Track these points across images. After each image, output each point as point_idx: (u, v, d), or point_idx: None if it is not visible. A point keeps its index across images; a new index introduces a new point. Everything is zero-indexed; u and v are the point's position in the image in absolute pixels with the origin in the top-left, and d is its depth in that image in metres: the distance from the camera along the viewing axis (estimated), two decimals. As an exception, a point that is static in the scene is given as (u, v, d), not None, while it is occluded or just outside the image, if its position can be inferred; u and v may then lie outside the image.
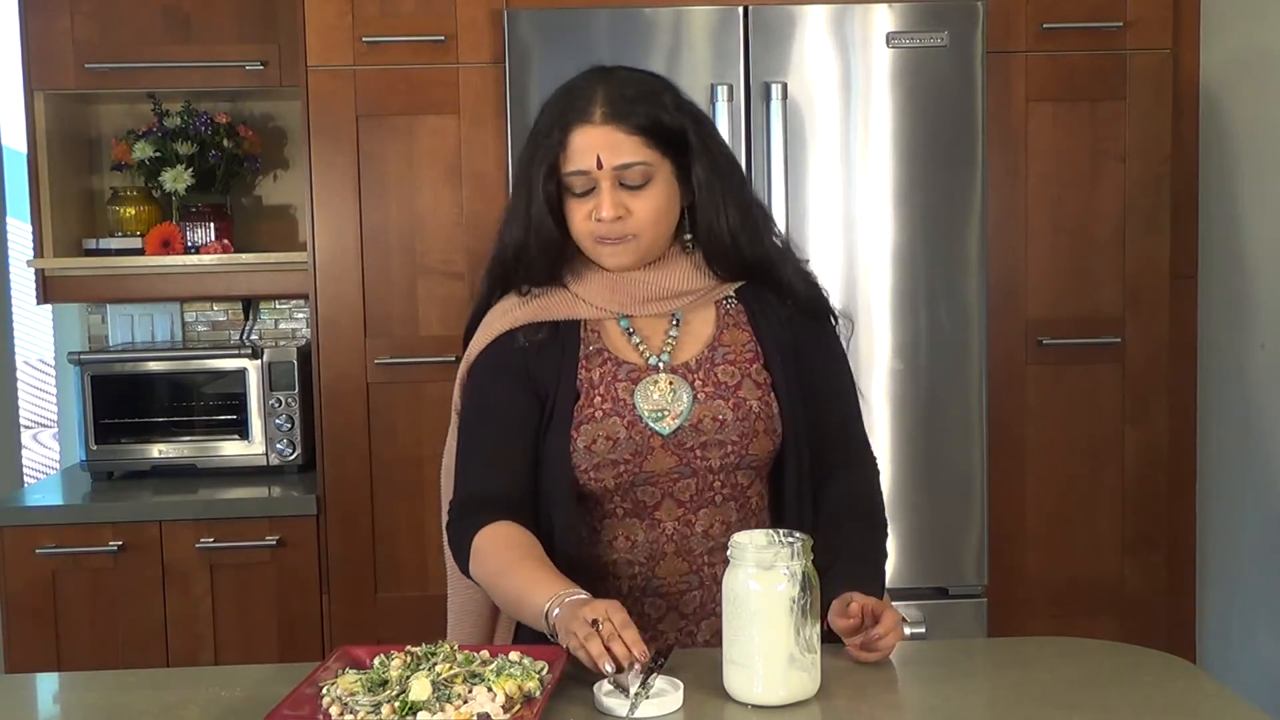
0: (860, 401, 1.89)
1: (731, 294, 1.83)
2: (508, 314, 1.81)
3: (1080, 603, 3.08)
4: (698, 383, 1.77)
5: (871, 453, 1.90)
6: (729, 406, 1.76)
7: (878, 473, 1.90)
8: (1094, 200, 3.03)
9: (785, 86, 2.82)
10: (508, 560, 1.68)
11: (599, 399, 1.76)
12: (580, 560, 1.75)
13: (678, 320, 1.81)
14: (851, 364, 2.88)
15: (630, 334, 1.80)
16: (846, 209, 2.88)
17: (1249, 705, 1.50)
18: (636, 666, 1.48)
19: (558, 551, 1.73)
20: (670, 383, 1.76)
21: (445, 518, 1.82)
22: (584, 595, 1.59)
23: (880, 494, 1.88)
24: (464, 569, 1.75)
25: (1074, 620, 3.03)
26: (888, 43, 2.85)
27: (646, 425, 1.74)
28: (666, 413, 1.75)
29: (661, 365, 1.78)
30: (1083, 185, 3.03)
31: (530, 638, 1.71)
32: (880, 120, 2.87)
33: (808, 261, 1.89)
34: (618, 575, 1.77)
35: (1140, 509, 3.09)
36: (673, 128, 1.74)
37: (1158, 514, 3.09)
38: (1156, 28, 3.00)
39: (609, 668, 1.48)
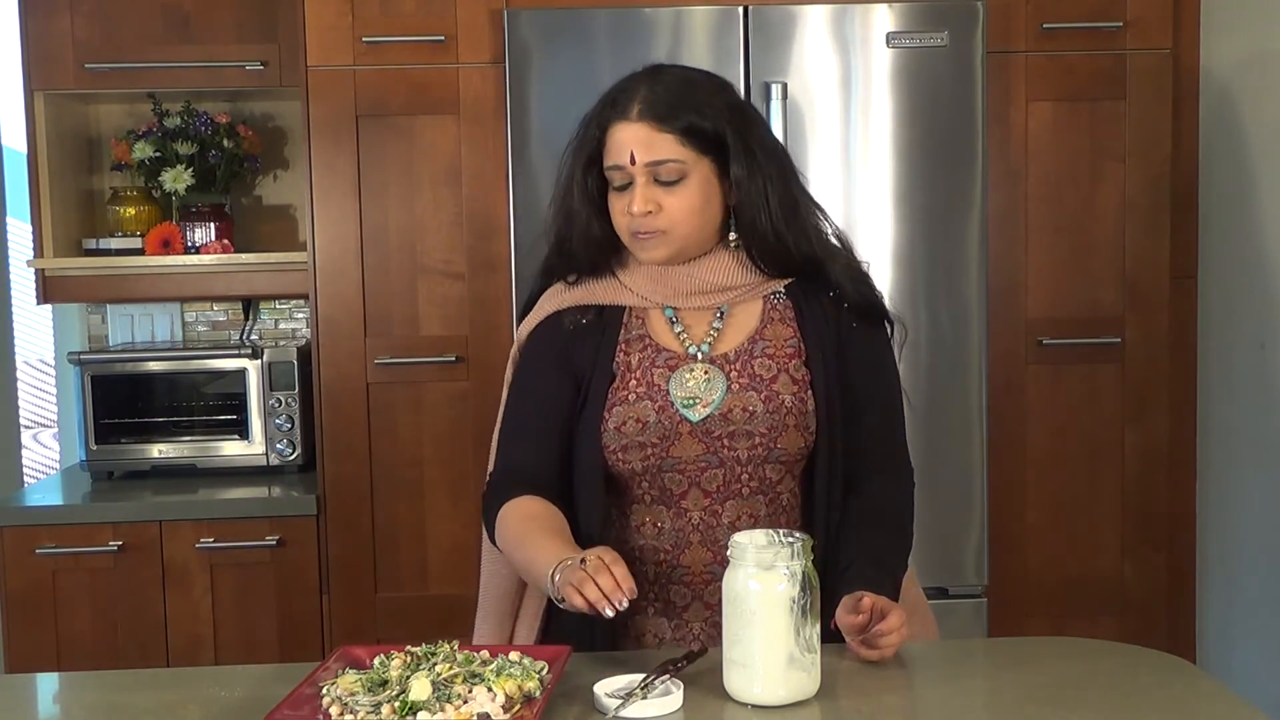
0: (906, 409, 1.88)
1: (781, 290, 1.84)
2: (555, 297, 1.86)
3: (1080, 603, 3.08)
4: (734, 374, 1.78)
5: (909, 464, 1.89)
6: (760, 399, 1.77)
7: (913, 485, 1.88)
8: (1094, 200, 3.03)
9: (785, 86, 2.82)
10: (525, 529, 1.74)
11: (634, 382, 1.79)
12: (605, 543, 1.76)
13: (723, 313, 1.83)
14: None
15: (673, 323, 1.83)
16: (846, 209, 2.88)
17: (1249, 705, 1.50)
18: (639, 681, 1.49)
19: (583, 533, 1.77)
20: (706, 372, 1.78)
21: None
22: (578, 557, 1.61)
23: (910, 506, 1.87)
24: (492, 539, 1.81)
25: (1074, 620, 3.03)
26: (888, 43, 2.85)
27: (677, 411, 1.76)
28: (699, 400, 1.77)
29: (700, 355, 1.80)
30: (1083, 185, 3.03)
31: (558, 631, 1.76)
32: (880, 120, 2.87)
33: (867, 264, 1.89)
34: (643, 561, 1.79)
35: (1140, 509, 3.09)
36: (710, 129, 1.75)
37: (1158, 514, 3.09)
38: (1156, 28, 3.00)
39: (609, 612, 1.52)
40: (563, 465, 1.81)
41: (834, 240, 1.85)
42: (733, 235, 1.81)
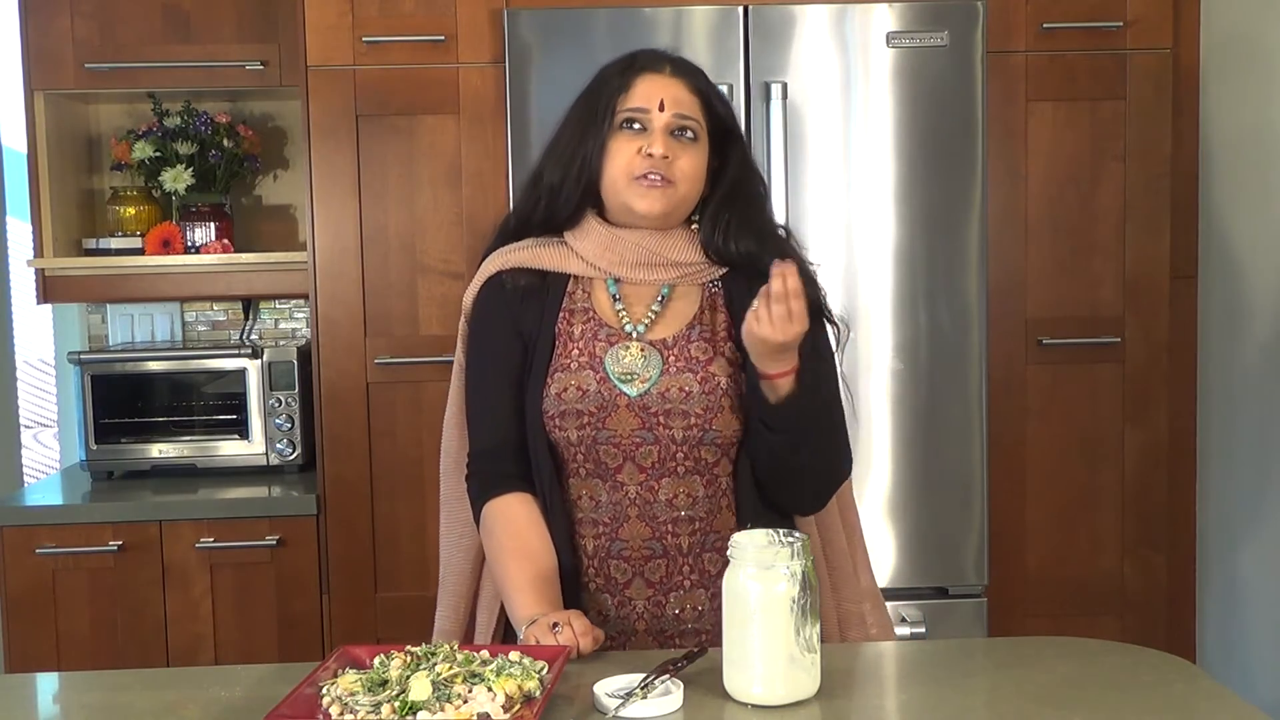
0: (846, 402, 1.87)
1: (718, 278, 1.86)
2: (499, 258, 1.88)
3: (1080, 603, 3.08)
4: (671, 357, 1.80)
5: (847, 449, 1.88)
6: (697, 380, 1.79)
7: (847, 467, 1.89)
8: (1094, 200, 3.03)
9: (785, 86, 2.82)
10: (503, 548, 1.78)
11: (576, 351, 1.81)
12: (551, 512, 1.79)
13: (664, 297, 1.84)
14: (851, 364, 2.90)
15: (615, 299, 1.84)
16: (846, 209, 2.88)
17: (1249, 705, 1.50)
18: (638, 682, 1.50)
19: (542, 504, 1.81)
20: (642, 350, 1.80)
21: (443, 470, 1.94)
22: (552, 619, 1.66)
23: (842, 472, 1.87)
24: (477, 525, 1.85)
25: (1074, 620, 3.03)
26: (888, 43, 2.85)
27: (615, 385, 1.78)
28: (635, 377, 1.79)
29: (636, 335, 1.82)
30: (1083, 185, 3.03)
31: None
32: (880, 120, 2.87)
33: (816, 266, 1.89)
34: (583, 534, 1.81)
35: (1140, 509, 3.09)
36: (722, 112, 1.84)
37: (1158, 514, 3.09)
38: (1156, 27, 3.00)
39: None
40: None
41: (795, 245, 1.89)
42: (695, 217, 1.85)
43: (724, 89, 2.75)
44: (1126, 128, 3.01)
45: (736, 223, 1.82)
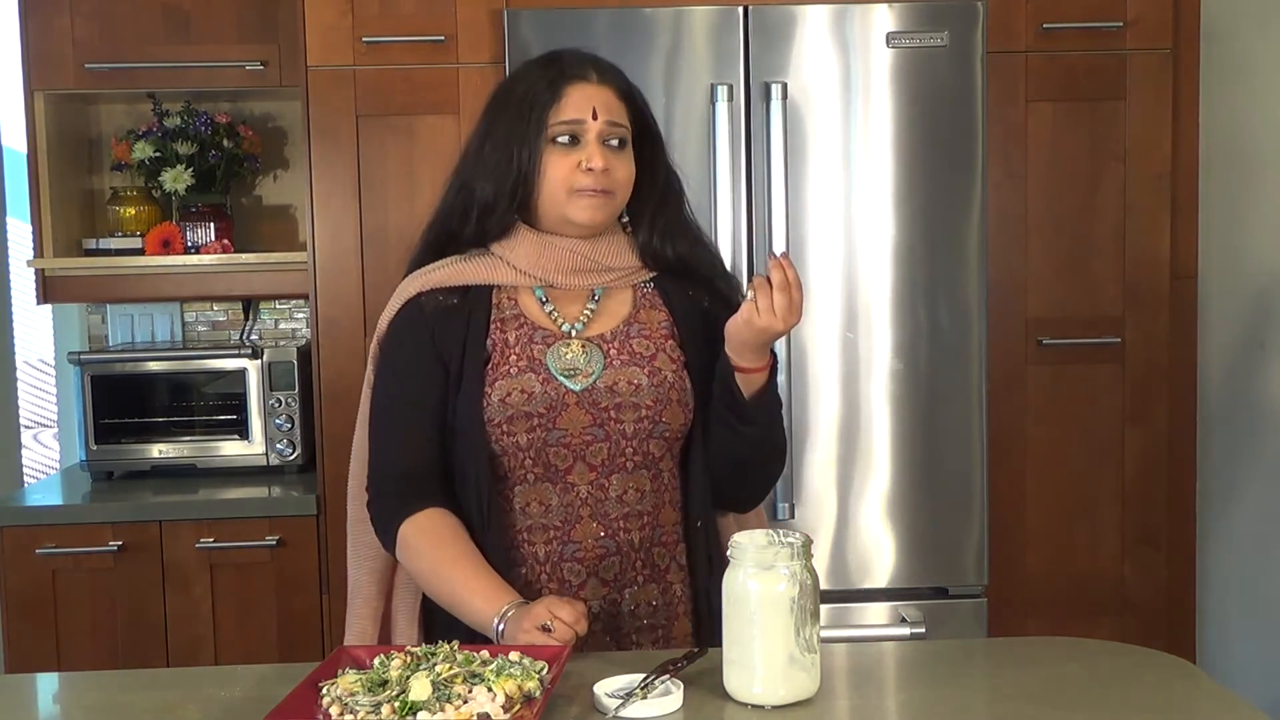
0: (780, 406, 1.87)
1: (650, 280, 1.87)
2: (419, 278, 1.85)
3: (1080, 603, 3.08)
4: (612, 351, 1.80)
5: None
6: (644, 373, 1.79)
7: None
8: (1094, 200, 3.03)
9: (785, 86, 2.82)
10: (439, 559, 1.73)
11: (514, 357, 1.78)
12: (493, 528, 1.76)
13: (596, 297, 1.84)
14: (851, 364, 2.90)
15: (544, 303, 1.83)
16: (846, 209, 2.88)
17: (1249, 706, 1.50)
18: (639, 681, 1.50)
19: (468, 520, 1.76)
20: (583, 346, 1.80)
21: (351, 493, 1.89)
22: (520, 601, 1.65)
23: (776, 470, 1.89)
24: (389, 549, 1.80)
25: (1074, 620, 3.03)
26: (888, 43, 2.85)
27: (560, 383, 1.77)
28: (578, 372, 1.78)
29: (574, 333, 1.81)
30: (1083, 185, 3.03)
31: (444, 625, 1.76)
32: (880, 120, 2.87)
33: (725, 270, 1.93)
34: (532, 542, 1.78)
35: (1140, 509, 3.09)
36: (645, 114, 1.84)
37: (1158, 514, 3.09)
38: (1156, 28, 3.00)
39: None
40: (443, 454, 1.79)
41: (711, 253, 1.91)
42: (625, 219, 1.86)
43: (724, 89, 2.80)
44: (1126, 128, 3.02)
45: (669, 226, 1.85)
